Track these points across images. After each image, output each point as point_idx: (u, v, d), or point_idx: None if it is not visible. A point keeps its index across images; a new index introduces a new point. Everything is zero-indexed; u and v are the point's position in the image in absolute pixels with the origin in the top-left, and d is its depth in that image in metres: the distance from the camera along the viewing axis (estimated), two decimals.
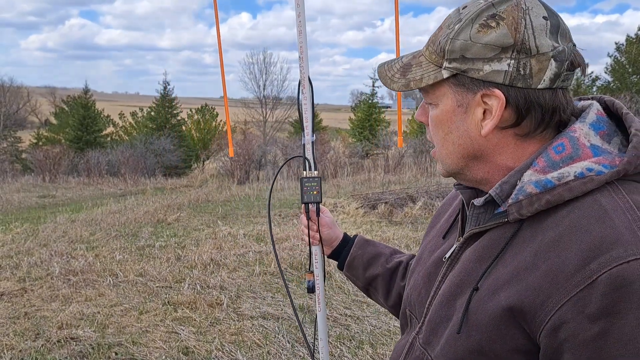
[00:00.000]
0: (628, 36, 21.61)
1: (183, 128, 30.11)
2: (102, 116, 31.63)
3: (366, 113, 30.95)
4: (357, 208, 8.65)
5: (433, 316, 0.85)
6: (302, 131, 1.34)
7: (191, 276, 5.07)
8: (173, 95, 29.99)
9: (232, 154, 2.99)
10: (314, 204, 1.30)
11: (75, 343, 3.61)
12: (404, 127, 31.36)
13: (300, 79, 1.32)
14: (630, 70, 21.21)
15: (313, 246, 1.35)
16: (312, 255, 1.37)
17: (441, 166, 0.86)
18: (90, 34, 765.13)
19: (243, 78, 77.66)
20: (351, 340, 3.67)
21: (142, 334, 3.76)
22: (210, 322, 3.99)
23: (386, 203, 8.65)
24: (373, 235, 6.79)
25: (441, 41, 0.77)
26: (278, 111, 34.86)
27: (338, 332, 3.78)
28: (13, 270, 5.41)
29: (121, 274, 5.18)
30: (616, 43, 21.89)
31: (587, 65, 0.81)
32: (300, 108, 1.34)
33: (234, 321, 4.02)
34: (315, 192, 1.30)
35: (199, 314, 4.14)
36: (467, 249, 0.84)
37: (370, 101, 31.86)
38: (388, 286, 1.22)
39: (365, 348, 3.52)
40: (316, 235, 1.31)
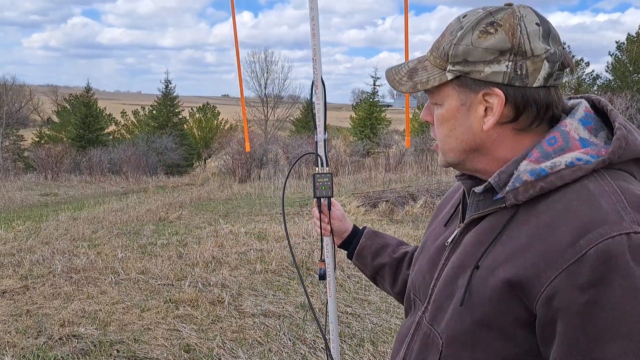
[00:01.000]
0: (629, 35, 21.59)
1: (185, 126, 30.16)
2: (104, 114, 31.69)
3: (367, 112, 30.97)
4: (358, 206, 8.66)
5: (437, 296, 0.92)
6: (315, 129, 1.45)
7: (193, 274, 5.09)
8: (175, 93, 30.06)
9: (249, 149, 3.13)
10: (326, 198, 1.40)
11: (77, 340, 3.62)
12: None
13: (313, 80, 1.42)
14: (631, 68, 21.18)
15: (325, 237, 1.44)
16: (324, 245, 1.47)
17: (443, 158, 0.93)
18: (92, 33, 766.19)
19: (245, 76, 77.60)
20: (352, 338, 3.68)
21: (144, 332, 3.78)
22: (211, 320, 4.00)
23: (387, 201, 8.65)
24: None
25: (445, 47, 0.84)
26: (279, 110, 34.77)
27: (339, 330, 3.78)
28: (15, 268, 5.43)
29: (123, 272, 5.20)
30: (617, 42, 21.87)
31: (577, 65, 0.87)
32: (312, 108, 1.45)
33: (236, 319, 4.03)
34: (326, 187, 1.40)
35: (201, 312, 4.16)
36: (468, 234, 0.91)
37: (371, 100, 31.89)
38: (394, 275, 1.30)
39: (366, 346, 3.53)
40: (327, 227, 1.41)
